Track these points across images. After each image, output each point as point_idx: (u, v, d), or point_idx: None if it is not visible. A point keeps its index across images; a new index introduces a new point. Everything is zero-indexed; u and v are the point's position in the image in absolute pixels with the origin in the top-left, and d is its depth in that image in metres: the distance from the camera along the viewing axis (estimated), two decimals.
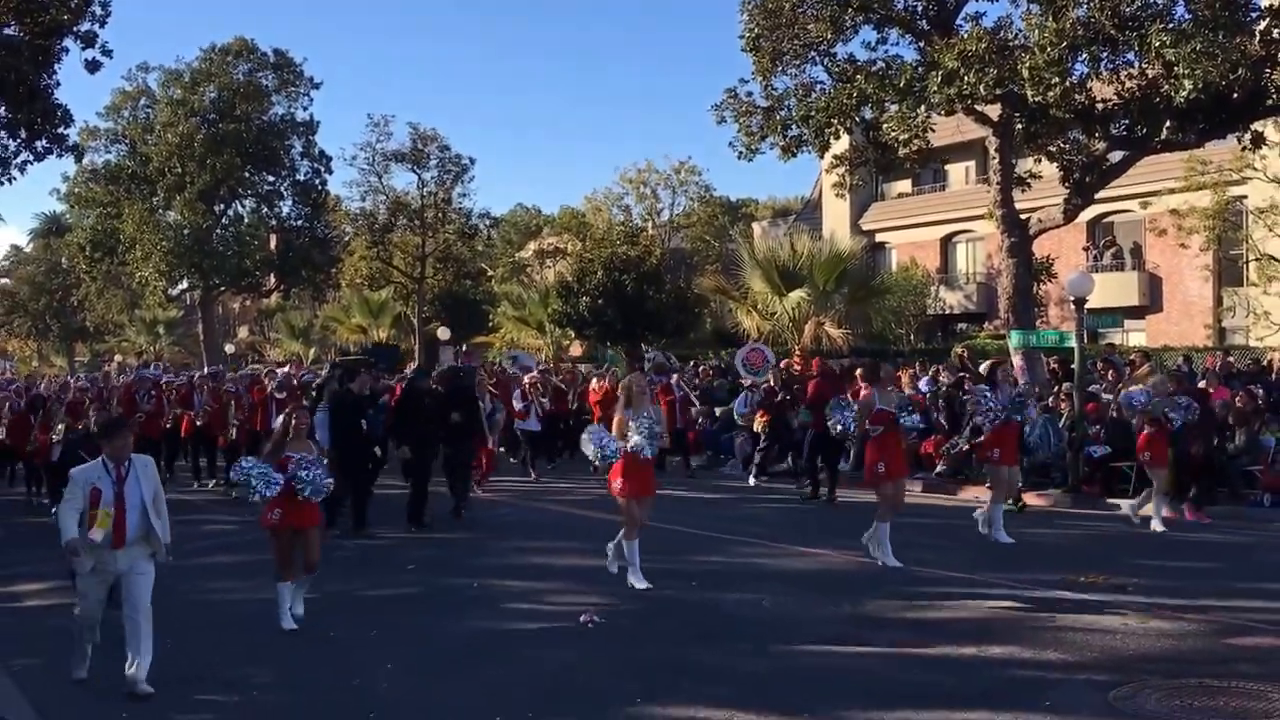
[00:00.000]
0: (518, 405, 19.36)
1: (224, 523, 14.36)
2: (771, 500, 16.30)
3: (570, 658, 7.80)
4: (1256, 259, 27.13)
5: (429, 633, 8.43)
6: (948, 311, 39.05)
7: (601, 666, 7.56)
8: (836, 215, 40.49)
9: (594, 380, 21.05)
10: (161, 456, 16.95)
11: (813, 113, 20.37)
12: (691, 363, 26.47)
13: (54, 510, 12.99)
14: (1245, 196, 27.54)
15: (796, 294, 28.19)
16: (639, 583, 9.59)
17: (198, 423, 18.77)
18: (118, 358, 45.19)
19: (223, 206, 47.08)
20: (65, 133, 24.80)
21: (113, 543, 7.01)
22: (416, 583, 10.50)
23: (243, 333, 65.28)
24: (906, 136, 21.05)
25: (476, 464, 16.05)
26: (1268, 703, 6.41)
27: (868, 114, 20.93)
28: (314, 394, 16.74)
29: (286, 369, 22.73)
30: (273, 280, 48.95)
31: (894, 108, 20.33)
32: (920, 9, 20.87)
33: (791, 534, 12.82)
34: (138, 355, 54.41)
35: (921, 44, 20.32)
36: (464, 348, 42.65)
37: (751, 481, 18.05)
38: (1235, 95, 17.82)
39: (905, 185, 41.05)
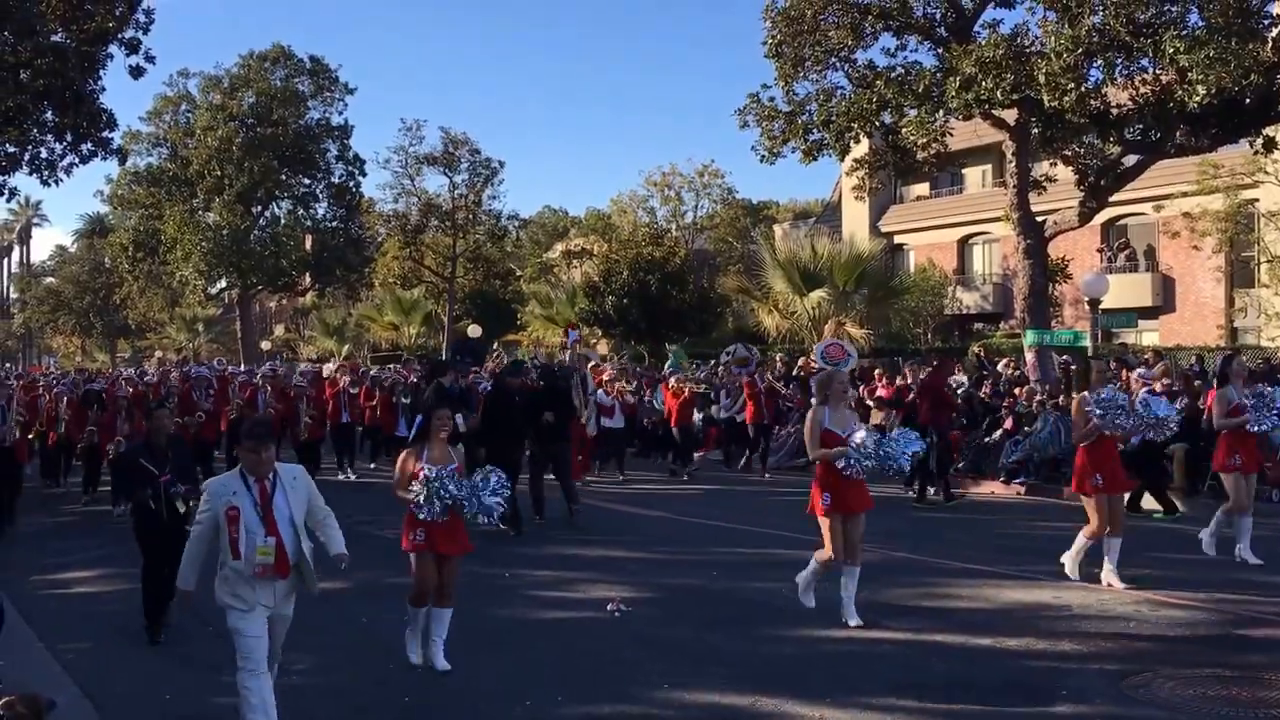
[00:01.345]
0: (605, 402, 18.55)
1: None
2: (796, 491, 16.30)
3: (598, 645, 7.85)
4: (1268, 261, 27.42)
5: (462, 620, 7.99)
6: (964, 312, 39.47)
7: (629, 653, 7.62)
8: (856, 217, 41.02)
9: (671, 380, 20.38)
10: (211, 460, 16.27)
11: (833, 117, 20.96)
12: (711, 361, 27.06)
13: (118, 510, 13.59)
14: (1257, 199, 27.89)
15: (817, 294, 28.80)
16: (851, 619, 8.11)
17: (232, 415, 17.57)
18: (158, 354, 46.23)
19: (260, 208, 48.25)
20: (109, 136, 25.58)
21: (276, 571, 5.71)
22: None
23: (279, 330, 66.44)
24: (925, 140, 21.58)
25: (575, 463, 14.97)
26: (1276, 691, 6.47)
27: (887, 118, 21.44)
28: (407, 393, 16.59)
29: (330, 365, 22.72)
30: (308, 279, 50.05)
31: (913, 112, 20.83)
32: (939, 16, 21.44)
33: (809, 524, 12.94)
34: (177, 352, 55.68)
35: (940, 50, 20.85)
36: (495, 345, 43.73)
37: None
38: (1248, 100, 18.15)
39: (923, 188, 41.57)
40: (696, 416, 20.20)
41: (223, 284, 50.44)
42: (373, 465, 20.26)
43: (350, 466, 18.92)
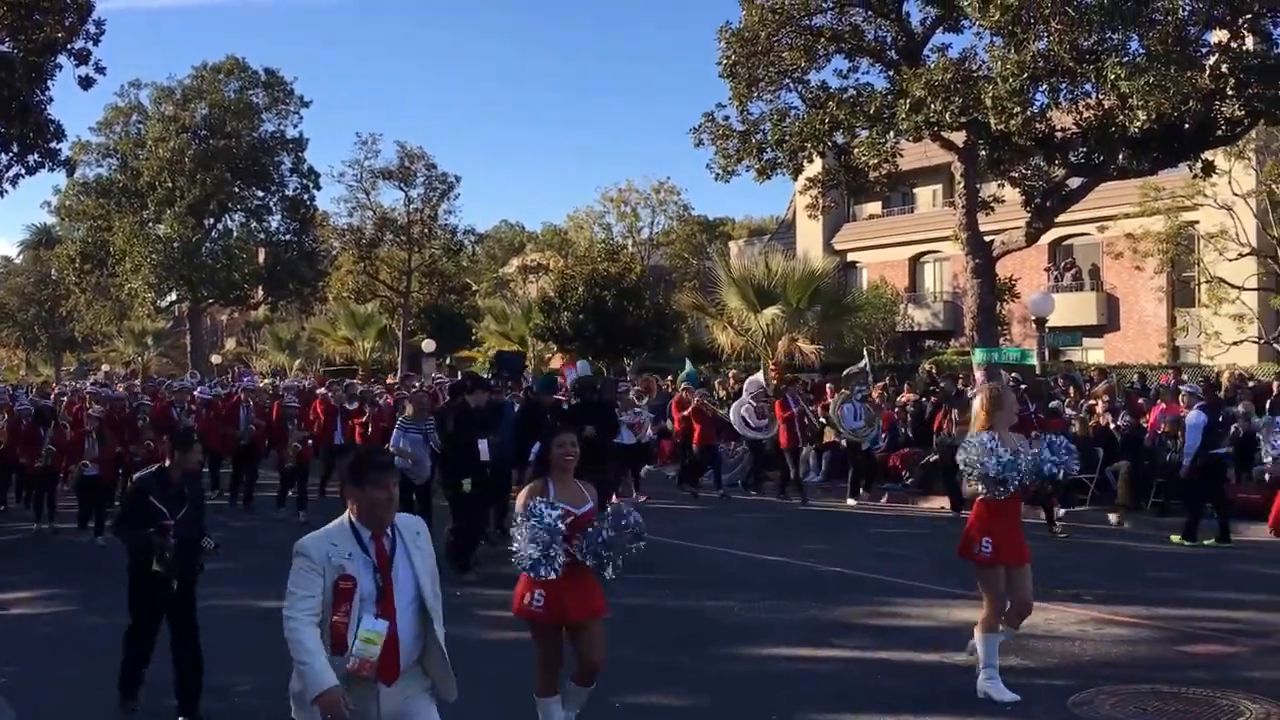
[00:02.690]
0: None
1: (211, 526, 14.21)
2: (749, 510, 16.28)
3: None
4: (1207, 281, 28.11)
5: None
6: (916, 329, 40.01)
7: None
8: (810, 235, 41.47)
9: (684, 393, 19.35)
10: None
11: (787, 137, 21.29)
12: (669, 376, 27.16)
13: (100, 539, 13.01)
14: (1197, 221, 28.60)
15: (771, 311, 29.01)
16: (999, 694, 6.73)
17: (241, 441, 16.46)
18: (104, 367, 45.49)
19: (212, 220, 47.76)
20: (57, 147, 25.33)
21: (380, 673, 3.99)
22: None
23: (230, 344, 65.68)
24: (876, 161, 21.99)
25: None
26: (1216, 708, 6.58)
27: (839, 139, 21.85)
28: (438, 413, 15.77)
29: (301, 379, 21.56)
30: (260, 293, 49.60)
31: (864, 133, 21.23)
32: (890, 40, 21.89)
33: (762, 542, 12.82)
34: (126, 365, 54.81)
35: (891, 73, 21.27)
36: (449, 360, 43.56)
37: (851, 502, 16.93)
38: (1186, 126, 18.73)
39: (876, 207, 42.18)
40: (650, 432, 19.92)
41: (173, 297, 49.78)
42: None
43: (325, 493, 17.21)
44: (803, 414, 17.86)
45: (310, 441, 15.87)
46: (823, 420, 18.20)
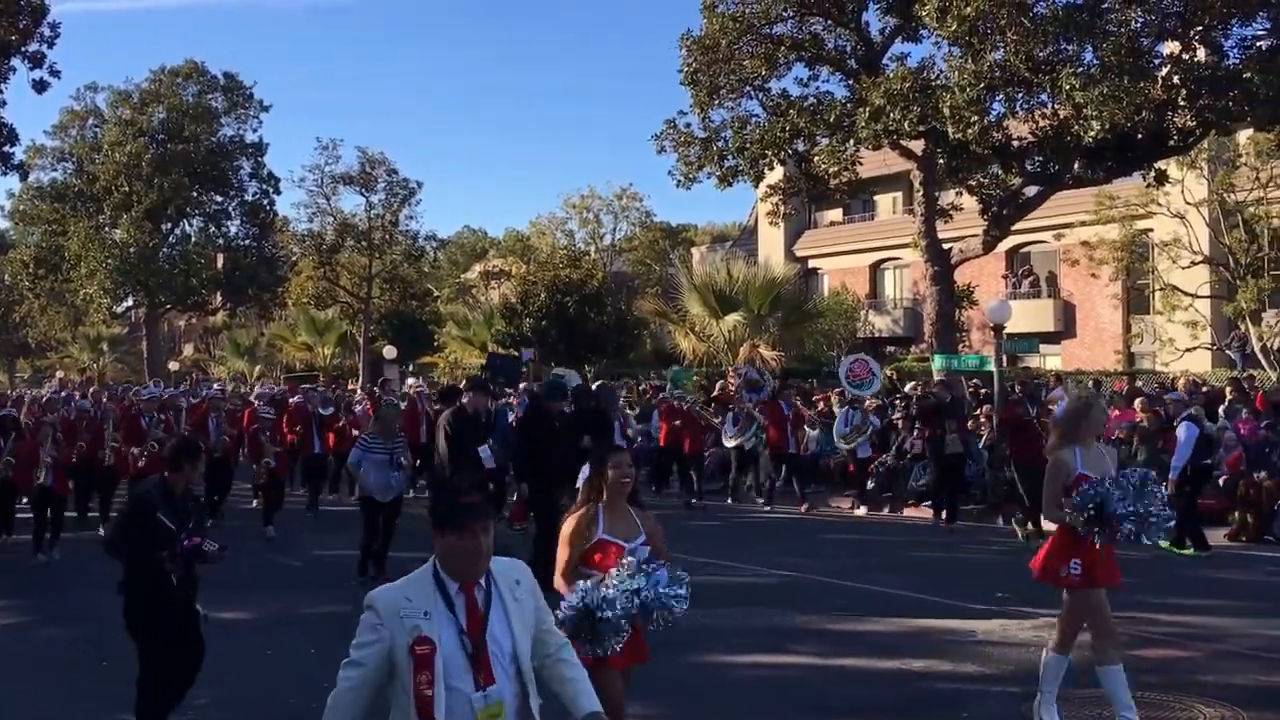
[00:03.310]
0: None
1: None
2: (714, 518, 16.24)
3: None
4: (1161, 289, 28.50)
5: None
6: (876, 335, 40.26)
7: None
8: (771, 242, 41.63)
9: (675, 401, 19.16)
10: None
11: (748, 144, 21.36)
12: (629, 381, 27.16)
13: (41, 556, 12.36)
14: (1151, 230, 29.00)
15: (732, 317, 29.18)
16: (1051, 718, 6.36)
17: (214, 454, 15.34)
18: (59, 374, 44.65)
19: (170, 225, 47.09)
20: (10, 151, 25.03)
21: None
22: (358, 599, 10.02)
23: (188, 350, 64.88)
24: (836, 168, 22.12)
25: None
26: (1169, 711, 6.68)
27: (800, 146, 21.92)
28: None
29: (270, 387, 20.42)
30: (219, 299, 49.01)
31: (824, 141, 21.35)
32: (849, 49, 22.04)
33: (722, 551, 12.76)
34: (81, 372, 53.96)
35: (850, 82, 21.41)
36: (410, 366, 43.27)
37: (862, 510, 16.77)
38: (1140, 136, 18.98)
39: (837, 214, 42.45)
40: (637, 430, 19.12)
41: (129, 302, 49.05)
42: (333, 496, 18.26)
43: (316, 507, 16.70)
44: (799, 418, 17.78)
45: (269, 464, 15.00)
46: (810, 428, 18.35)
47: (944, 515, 15.21)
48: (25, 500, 13.93)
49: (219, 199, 47.10)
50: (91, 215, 45.23)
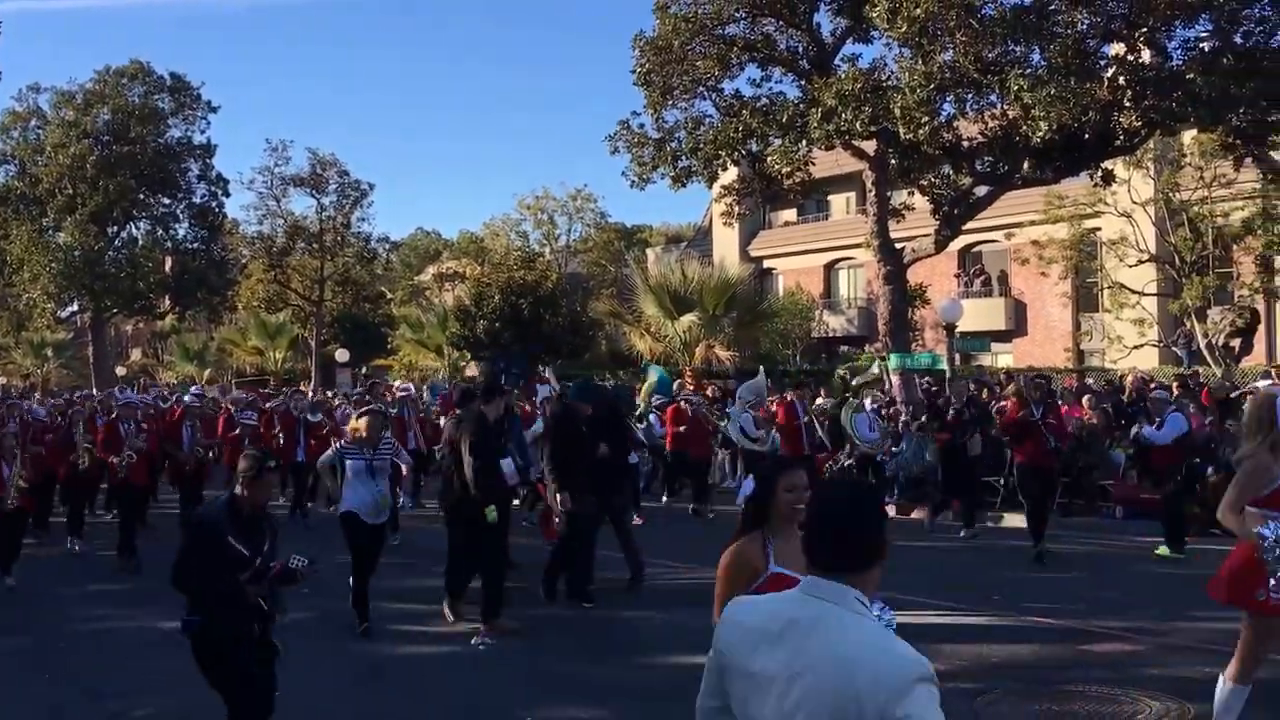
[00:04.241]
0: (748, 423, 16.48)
1: (105, 550, 13.36)
2: (683, 521, 15.87)
3: (464, 679, 7.77)
4: (1109, 287, 28.94)
5: (322, 659, 7.91)
6: (831, 334, 40.55)
7: (495, 685, 7.53)
8: (726, 242, 41.79)
9: (683, 404, 17.90)
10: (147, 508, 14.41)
11: (701, 145, 21.35)
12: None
13: (10, 580, 10.76)
14: (1099, 229, 29.43)
15: (688, 318, 29.22)
16: None
17: (186, 467, 14.68)
18: (0, 380, 43.71)
19: (116, 228, 46.21)
20: None
21: None
22: (311, 607, 9.70)
23: (135, 355, 63.77)
24: (790, 169, 22.14)
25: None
26: (1117, 705, 6.78)
27: (753, 147, 21.89)
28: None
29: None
30: (167, 302, 48.22)
31: (777, 141, 21.37)
32: (801, 49, 22.10)
33: (684, 553, 12.45)
34: (24, 378, 52.85)
35: (803, 82, 21.46)
36: (364, 369, 42.86)
37: (891, 510, 15.59)
38: (1087, 136, 19.19)
39: (791, 214, 42.68)
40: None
41: (74, 307, 48.06)
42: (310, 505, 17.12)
43: (305, 514, 15.59)
44: (811, 423, 16.72)
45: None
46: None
47: (947, 517, 14.83)
48: None
49: (166, 201, 46.28)
50: (34, 218, 44.30)
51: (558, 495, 9.89)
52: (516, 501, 11.00)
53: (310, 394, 23.11)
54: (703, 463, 17.41)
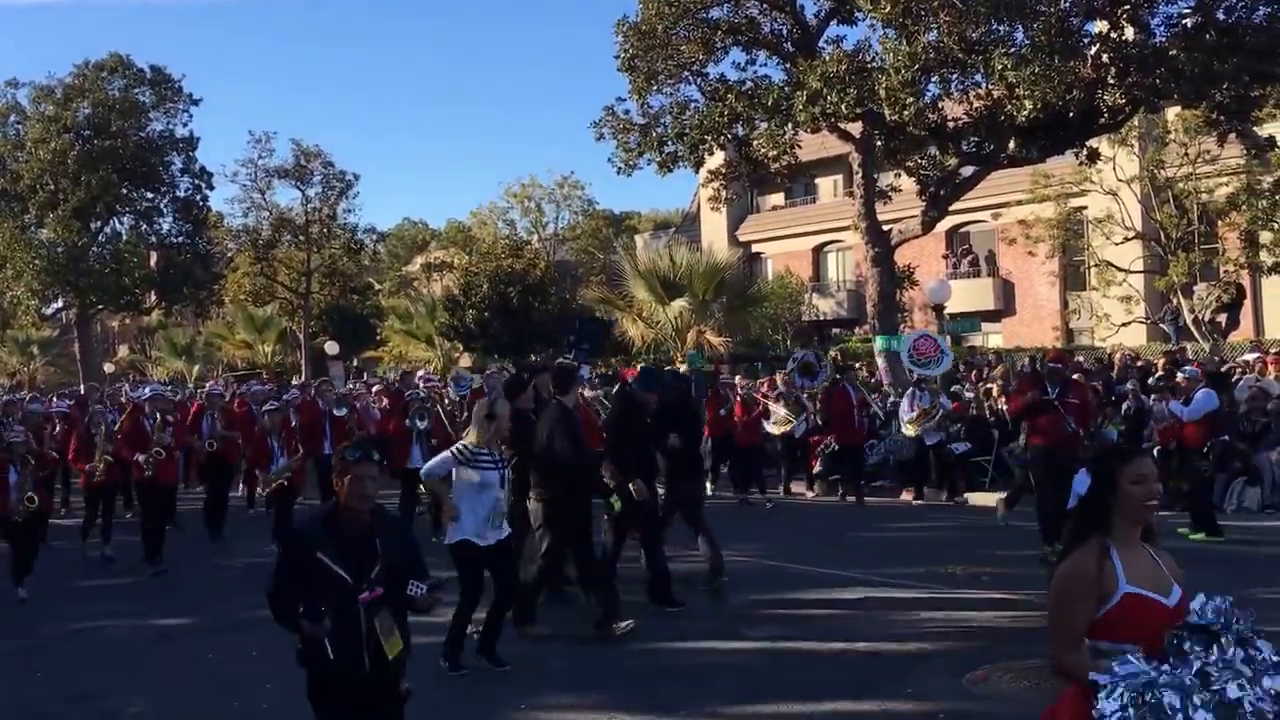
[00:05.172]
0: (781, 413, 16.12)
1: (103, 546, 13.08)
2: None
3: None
4: (1096, 265, 28.97)
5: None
6: (821, 318, 40.59)
7: (483, 673, 7.44)
8: (714, 227, 41.76)
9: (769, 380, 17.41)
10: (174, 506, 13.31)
11: (687, 130, 21.29)
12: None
13: (21, 592, 9.81)
14: (1085, 207, 29.49)
15: (678, 303, 29.18)
16: None
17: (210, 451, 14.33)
18: None
19: (99, 224, 46.00)
20: None
21: None
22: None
23: (122, 351, 63.48)
24: (776, 152, 22.09)
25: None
26: None
27: (739, 131, 21.88)
28: (423, 414, 12.98)
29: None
30: (153, 298, 48.00)
31: (763, 125, 21.34)
32: (785, 32, 22.04)
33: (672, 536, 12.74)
34: (10, 376, 52.59)
35: (787, 65, 21.41)
36: (354, 361, 42.73)
37: (917, 501, 15.79)
38: (1071, 114, 19.20)
39: (779, 198, 42.66)
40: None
41: (59, 304, 47.91)
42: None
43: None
44: (864, 403, 16.67)
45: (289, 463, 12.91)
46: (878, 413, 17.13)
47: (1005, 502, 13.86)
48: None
49: (150, 195, 46.06)
50: (16, 215, 44.07)
51: (629, 486, 8.92)
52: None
53: (343, 385, 22.00)
54: (753, 450, 16.42)
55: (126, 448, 12.21)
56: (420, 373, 20.06)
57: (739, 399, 16.59)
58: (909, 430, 15.97)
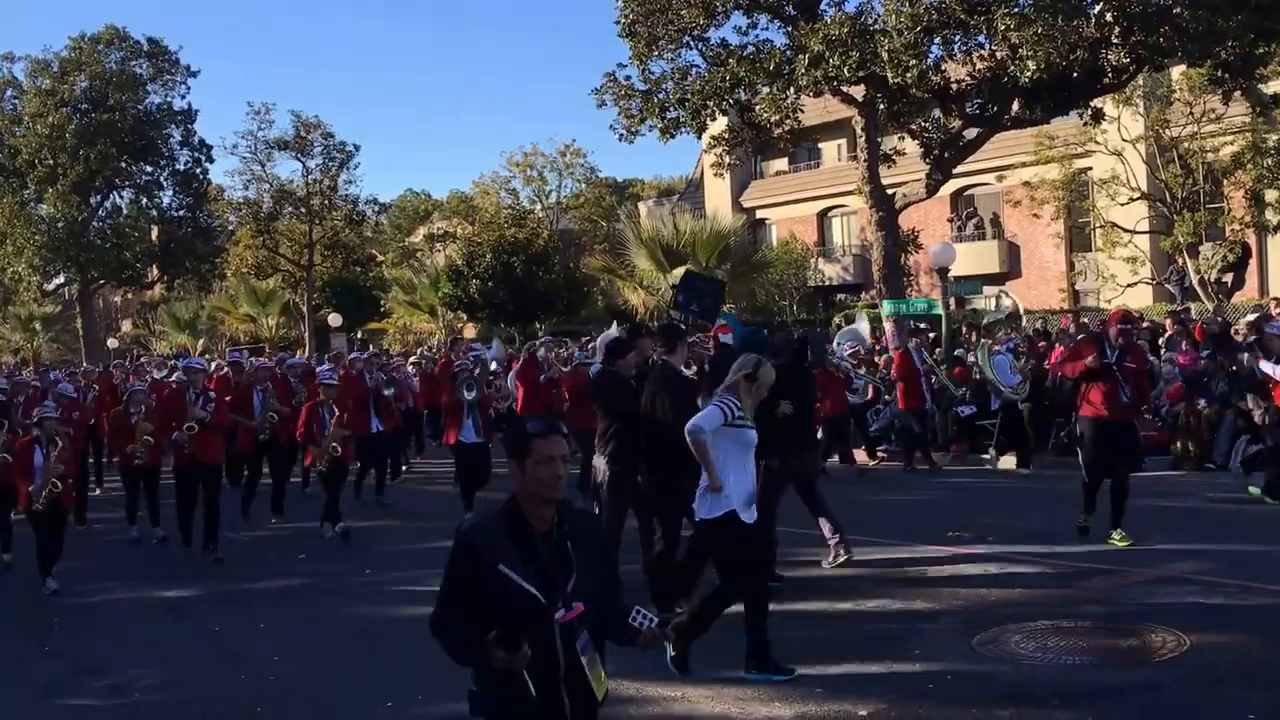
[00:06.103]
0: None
1: (112, 522, 13.21)
2: None
3: None
4: (1101, 226, 28.86)
5: (318, 623, 7.99)
6: (827, 283, 40.48)
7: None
8: (718, 194, 41.57)
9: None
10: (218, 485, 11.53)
11: (689, 95, 21.17)
12: (585, 339, 26.90)
13: (52, 583, 9.24)
14: (1090, 168, 29.31)
15: (681, 270, 29.14)
16: None
17: (262, 435, 13.37)
18: None
19: (99, 198, 45.92)
20: None
21: None
22: (308, 572, 10.02)
23: (126, 326, 63.54)
24: (779, 117, 21.98)
25: None
26: (1114, 635, 6.96)
27: (741, 96, 21.75)
28: (471, 384, 11.98)
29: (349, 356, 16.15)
30: (155, 272, 47.99)
31: (765, 90, 21.21)
32: None
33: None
34: (14, 353, 52.67)
35: (789, 29, 21.23)
36: (358, 334, 42.73)
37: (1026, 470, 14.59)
38: (1075, 74, 19.17)
39: (782, 163, 42.42)
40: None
41: (60, 279, 47.88)
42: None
43: (381, 490, 14.21)
44: (930, 371, 15.80)
45: (335, 449, 11.78)
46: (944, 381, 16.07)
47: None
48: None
49: (149, 169, 45.94)
50: (15, 190, 43.97)
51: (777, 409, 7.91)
52: None
53: (396, 358, 20.92)
54: (840, 419, 15.07)
55: (162, 424, 11.42)
56: (465, 342, 19.24)
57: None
58: (1013, 396, 14.91)
